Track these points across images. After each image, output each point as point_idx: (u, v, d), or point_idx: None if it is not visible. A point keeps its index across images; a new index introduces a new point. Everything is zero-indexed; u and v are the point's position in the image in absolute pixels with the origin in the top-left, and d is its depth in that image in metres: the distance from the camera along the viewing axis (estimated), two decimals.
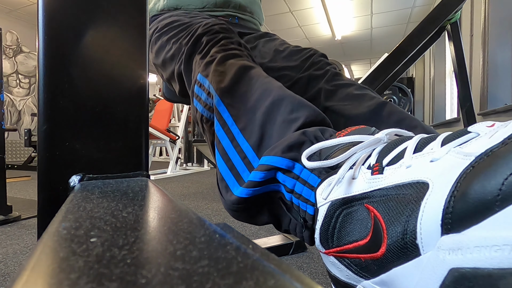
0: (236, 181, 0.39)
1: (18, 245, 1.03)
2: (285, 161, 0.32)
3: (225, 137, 0.42)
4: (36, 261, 0.11)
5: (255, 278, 0.10)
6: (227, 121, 0.43)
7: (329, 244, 0.27)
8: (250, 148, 0.39)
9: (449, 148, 0.21)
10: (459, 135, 0.22)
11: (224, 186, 0.40)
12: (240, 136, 0.41)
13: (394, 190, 0.22)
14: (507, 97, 2.76)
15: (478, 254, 0.16)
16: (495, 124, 0.21)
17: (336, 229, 0.26)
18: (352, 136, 0.28)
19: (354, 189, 0.25)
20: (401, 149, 0.24)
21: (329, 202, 0.27)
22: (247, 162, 0.39)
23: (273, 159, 0.33)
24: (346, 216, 0.25)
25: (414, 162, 0.22)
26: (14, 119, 4.99)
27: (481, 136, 0.20)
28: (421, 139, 0.24)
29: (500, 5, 2.73)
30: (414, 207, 0.20)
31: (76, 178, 0.31)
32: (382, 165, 0.24)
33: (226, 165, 0.41)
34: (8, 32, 4.92)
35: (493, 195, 0.16)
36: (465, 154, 0.19)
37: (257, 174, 0.34)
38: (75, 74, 0.33)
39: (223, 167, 0.41)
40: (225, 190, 0.40)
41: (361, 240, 0.24)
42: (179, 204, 0.21)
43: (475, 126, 0.21)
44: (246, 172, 0.39)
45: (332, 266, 0.27)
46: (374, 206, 0.23)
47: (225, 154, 0.42)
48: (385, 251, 0.21)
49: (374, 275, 0.23)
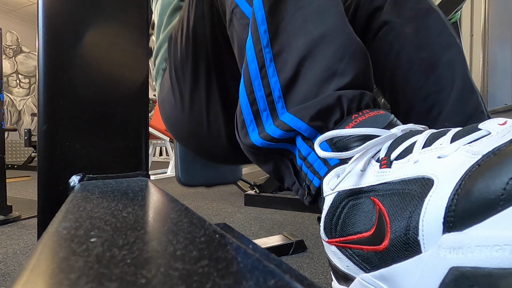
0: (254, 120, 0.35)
1: (18, 245, 1.03)
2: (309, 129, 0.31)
3: (255, 61, 0.35)
4: (36, 261, 0.11)
5: (255, 278, 0.10)
6: (262, 39, 0.35)
7: (333, 233, 0.27)
8: (279, 84, 0.34)
9: (459, 146, 0.21)
10: (469, 131, 0.21)
11: (241, 120, 0.37)
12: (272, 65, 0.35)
13: (399, 184, 0.22)
14: (507, 97, 2.76)
15: (479, 253, 0.15)
16: (507, 122, 0.20)
17: (340, 220, 0.26)
18: (368, 129, 0.27)
19: (362, 181, 0.25)
20: (410, 143, 0.24)
21: (335, 193, 0.27)
22: (270, 100, 0.34)
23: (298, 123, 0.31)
24: (352, 207, 0.25)
25: (422, 157, 0.22)
26: (14, 119, 5.00)
27: (492, 135, 0.20)
28: (431, 133, 0.24)
29: (500, 5, 2.73)
30: (418, 203, 0.20)
31: (76, 178, 0.31)
32: (390, 159, 0.24)
33: (248, 97, 0.35)
34: (8, 32, 4.92)
35: (497, 195, 0.16)
36: (473, 153, 0.19)
37: (277, 131, 0.32)
38: (75, 74, 0.32)
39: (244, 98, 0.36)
40: (241, 125, 0.37)
41: (365, 232, 0.24)
42: (179, 204, 0.21)
43: (486, 124, 0.21)
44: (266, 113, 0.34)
45: (334, 255, 0.27)
46: (379, 199, 0.23)
47: (249, 83, 0.35)
48: (388, 245, 0.21)
49: (374, 268, 0.23)
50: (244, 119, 0.36)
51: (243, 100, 0.36)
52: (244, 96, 0.36)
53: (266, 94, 0.34)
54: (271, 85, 0.34)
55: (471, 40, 3.11)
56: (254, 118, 0.35)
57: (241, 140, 0.36)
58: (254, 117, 0.35)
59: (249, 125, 0.36)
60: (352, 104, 0.31)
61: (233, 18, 0.40)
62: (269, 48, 0.35)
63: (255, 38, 0.35)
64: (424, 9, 0.49)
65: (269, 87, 0.34)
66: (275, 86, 0.34)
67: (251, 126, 0.35)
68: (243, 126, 0.36)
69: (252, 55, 0.35)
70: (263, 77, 0.34)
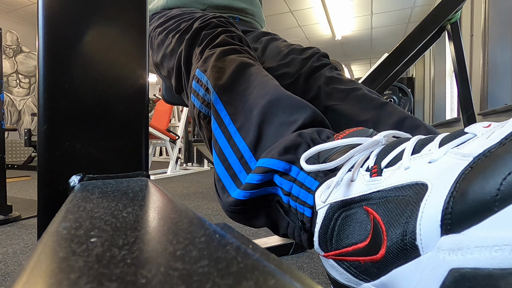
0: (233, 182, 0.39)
1: (18, 245, 1.03)
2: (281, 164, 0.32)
3: (222, 136, 0.41)
4: (36, 261, 0.11)
5: (255, 278, 0.10)
6: (224, 119, 0.42)
7: (328, 247, 0.27)
8: (247, 147, 0.39)
9: (447, 149, 0.21)
10: (456, 136, 0.22)
11: (221, 186, 0.40)
12: (237, 135, 0.40)
13: (393, 191, 0.22)
14: (507, 97, 2.76)
15: (478, 254, 0.16)
16: (491, 125, 0.21)
17: (335, 232, 0.26)
18: (350, 139, 0.28)
19: (353, 191, 0.25)
20: (399, 151, 0.24)
21: (327, 205, 0.27)
22: (243, 162, 0.39)
23: (270, 162, 0.33)
24: (345, 218, 0.25)
25: (413, 163, 0.22)
26: (14, 119, 4.99)
27: (478, 137, 0.20)
28: (418, 140, 0.24)
29: (500, 5, 2.73)
30: (414, 208, 0.20)
31: (76, 178, 0.31)
32: (381, 167, 0.24)
33: (223, 165, 0.40)
34: (8, 32, 4.92)
35: (492, 196, 0.16)
36: (463, 155, 0.19)
37: (254, 176, 0.34)
38: (75, 74, 0.32)
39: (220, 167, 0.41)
40: (222, 190, 0.40)
41: (360, 242, 0.24)
42: (179, 204, 0.21)
43: (472, 127, 0.21)
44: (243, 173, 0.38)
45: (332, 269, 0.27)
46: (373, 208, 0.23)
47: (221, 153, 0.41)
48: (385, 253, 0.21)
49: (374, 277, 0.23)
50: (223, 185, 0.40)
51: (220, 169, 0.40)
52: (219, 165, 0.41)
53: (238, 157, 0.39)
54: (241, 150, 0.39)
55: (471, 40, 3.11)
56: (232, 180, 0.39)
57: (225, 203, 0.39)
58: (232, 180, 0.39)
59: (229, 187, 0.39)
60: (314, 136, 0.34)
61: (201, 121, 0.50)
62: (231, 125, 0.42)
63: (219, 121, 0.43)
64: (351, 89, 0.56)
65: (239, 152, 0.39)
66: (244, 150, 0.39)
67: (232, 188, 0.38)
68: (224, 190, 0.39)
69: (219, 133, 0.42)
70: (232, 145, 0.40)
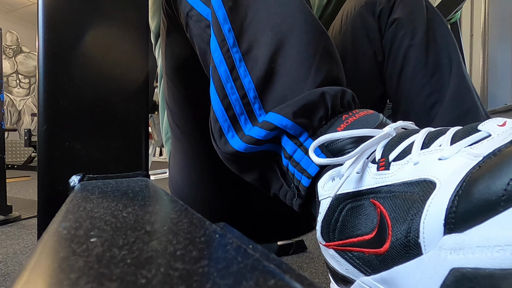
0: (231, 126, 0.33)
1: (18, 245, 1.03)
2: (294, 127, 0.29)
3: (223, 63, 0.32)
4: (36, 261, 0.11)
5: (255, 278, 0.10)
6: (228, 38, 0.32)
7: (331, 237, 0.27)
8: (253, 84, 0.31)
9: (460, 148, 0.20)
10: (469, 133, 0.21)
11: (217, 129, 0.34)
12: (242, 65, 0.32)
13: (401, 187, 0.22)
14: (507, 97, 2.76)
15: (480, 254, 0.15)
16: (506, 123, 0.20)
17: (339, 222, 0.26)
18: (361, 130, 0.27)
19: (359, 184, 0.25)
20: (407, 144, 0.24)
21: (332, 196, 0.27)
22: (246, 102, 0.32)
23: (282, 120, 0.29)
24: (351, 210, 0.25)
25: (422, 159, 0.22)
26: (14, 119, 5.00)
27: (493, 137, 0.20)
28: (428, 133, 0.24)
29: (500, 5, 2.73)
30: (420, 206, 0.20)
31: (76, 178, 0.31)
32: (389, 161, 0.24)
33: (222, 103, 0.33)
34: (8, 32, 4.92)
35: (497, 195, 0.16)
36: (475, 155, 0.19)
37: (260, 131, 0.30)
38: (75, 74, 0.32)
39: (218, 105, 0.33)
40: (218, 134, 0.34)
41: (366, 235, 0.23)
42: (179, 204, 0.21)
43: (485, 125, 0.21)
44: (243, 116, 0.32)
45: (332, 259, 0.27)
46: (380, 202, 0.23)
47: (221, 87, 0.32)
48: (389, 248, 0.21)
49: (375, 271, 0.23)
50: (221, 127, 0.33)
51: (217, 107, 0.33)
52: (217, 102, 0.33)
53: (241, 96, 0.32)
54: (245, 86, 0.32)
55: (471, 40, 3.11)
56: (231, 124, 0.33)
57: (221, 149, 0.34)
58: (231, 123, 0.33)
59: (227, 132, 0.33)
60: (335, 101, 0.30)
61: (189, 21, 0.37)
62: (236, 48, 0.32)
63: (220, 38, 0.32)
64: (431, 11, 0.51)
65: (243, 89, 0.32)
66: (249, 87, 0.32)
67: (230, 133, 0.33)
68: (221, 134, 0.34)
69: (220, 57, 0.32)
70: (235, 79, 0.32)
